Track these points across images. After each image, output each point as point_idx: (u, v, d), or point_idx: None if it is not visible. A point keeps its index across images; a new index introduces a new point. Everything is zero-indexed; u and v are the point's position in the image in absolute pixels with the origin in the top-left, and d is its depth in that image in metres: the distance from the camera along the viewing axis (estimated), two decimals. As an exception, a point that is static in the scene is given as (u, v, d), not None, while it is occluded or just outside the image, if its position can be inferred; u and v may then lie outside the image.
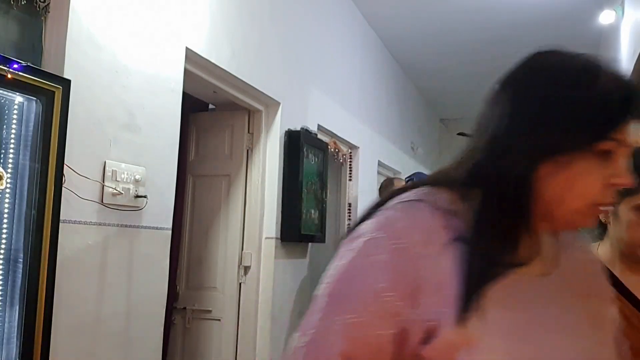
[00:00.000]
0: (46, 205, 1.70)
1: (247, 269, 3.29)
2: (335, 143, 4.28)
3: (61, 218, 1.77)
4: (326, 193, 3.91)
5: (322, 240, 3.86)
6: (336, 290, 0.71)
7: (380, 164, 5.46)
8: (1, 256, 1.64)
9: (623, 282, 1.16)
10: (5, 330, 1.64)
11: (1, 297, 1.64)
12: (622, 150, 0.70)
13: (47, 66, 1.88)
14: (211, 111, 3.60)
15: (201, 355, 3.31)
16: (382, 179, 5.04)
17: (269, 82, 3.26)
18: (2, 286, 1.64)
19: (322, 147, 3.83)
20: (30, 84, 1.66)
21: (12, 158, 1.67)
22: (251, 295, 3.27)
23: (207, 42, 2.68)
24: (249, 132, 3.39)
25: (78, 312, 1.94)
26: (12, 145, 1.67)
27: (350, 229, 0.76)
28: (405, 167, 6.40)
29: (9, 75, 1.59)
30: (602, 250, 1.22)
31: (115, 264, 2.12)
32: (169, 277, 2.48)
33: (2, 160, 1.64)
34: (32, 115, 1.71)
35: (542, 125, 0.69)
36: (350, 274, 0.70)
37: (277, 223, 3.36)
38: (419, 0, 4.73)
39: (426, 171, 7.54)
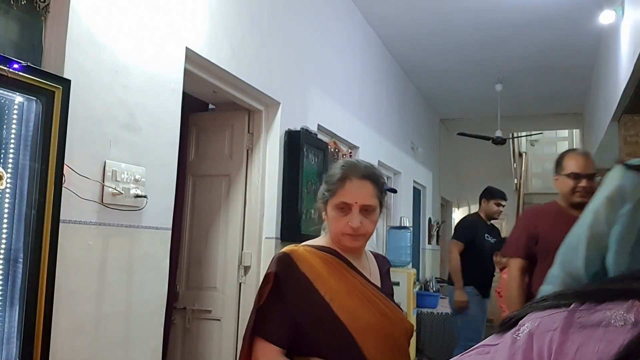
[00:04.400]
0: (46, 205, 1.70)
1: (247, 269, 3.29)
2: (335, 143, 4.28)
3: (61, 218, 1.77)
4: (326, 193, 3.90)
5: (322, 240, 3.86)
6: None
7: (380, 163, 5.46)
8: (1, 256, 1.64)
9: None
10: (5, 330, 1.64)
11: (1, 297, 1.64)
12: None
13: (47, 66, 1.88)
14: (211, 111, 3.60)
15: (201, 355, 3.30)
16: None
17: (269, 82, 3.26)
18: (2, 286, 1.64)
19: (322, 147, 3.83)
20: (30, 83, 1.66)
21: (12, 158, 1.67)
22: (251, 295, 3.26)
23: (207, 42, 2.68)
24: (249, 132, 3.39)
25: (78, 312, 1.94)
26: (12, 145, 1.67)
27: None
28: (405, 167, 6.40)
29: (9, 75, 1.59)
30: (323, 241, 1.46)
31: (115, 264, 2.12)
32: (169, 277, 2.47)
33: (2, 160, 1.64)
34: (32, 115, 1.71)
35: None
36: None
37: (277, 223, 3.36)
38: (419, 0, 4.73)
39: (425, 170, 7.56)
